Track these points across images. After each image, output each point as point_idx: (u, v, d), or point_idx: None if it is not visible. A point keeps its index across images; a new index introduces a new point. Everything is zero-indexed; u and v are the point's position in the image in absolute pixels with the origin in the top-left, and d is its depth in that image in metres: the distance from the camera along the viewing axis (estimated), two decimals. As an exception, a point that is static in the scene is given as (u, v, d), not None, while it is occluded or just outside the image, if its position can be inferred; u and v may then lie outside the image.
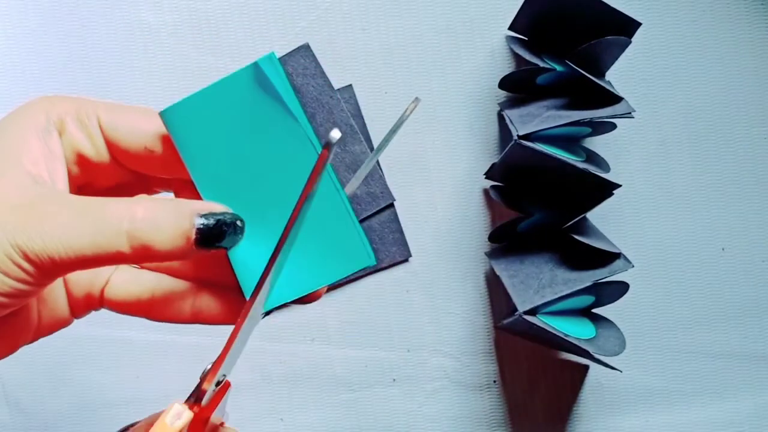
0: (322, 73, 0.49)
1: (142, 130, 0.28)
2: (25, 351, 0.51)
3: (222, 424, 0.31)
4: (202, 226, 0.26)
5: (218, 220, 0.26)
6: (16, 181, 0.25)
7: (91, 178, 0.29)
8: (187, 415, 0.27)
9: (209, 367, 0.28)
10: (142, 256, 0.25)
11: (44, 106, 0.27)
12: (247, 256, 0.28)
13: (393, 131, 0.28)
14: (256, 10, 0.49)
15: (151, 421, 0.29)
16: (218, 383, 0.29)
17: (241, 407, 0.50)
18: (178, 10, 0.48)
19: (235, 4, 0.48)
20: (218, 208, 0.27)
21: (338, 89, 0.49)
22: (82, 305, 0.32)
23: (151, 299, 0.30)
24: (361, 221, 0.50)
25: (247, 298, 0.28)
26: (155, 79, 0.48)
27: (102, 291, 0.31)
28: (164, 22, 0.48)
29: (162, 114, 0.28)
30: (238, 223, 0.27)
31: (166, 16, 0.48)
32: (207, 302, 0.30)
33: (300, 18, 0.49)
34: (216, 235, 0.26)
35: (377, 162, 0.49)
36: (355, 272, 0.28)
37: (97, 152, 0.28)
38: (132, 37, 0.48)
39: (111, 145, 0.28)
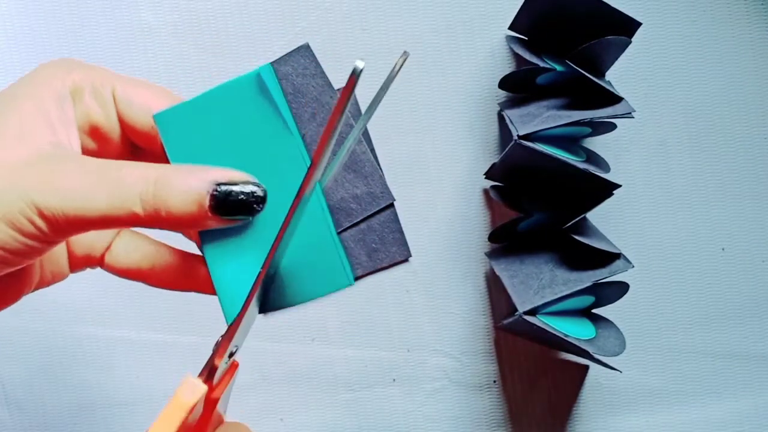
0: (322, 73, 0.49)
1: (152, 108, 0.28)
2: (25, 351, 0.51)
3: (222, 421, 0.31)
4: (217, 193, 0.26)
5: (236, 189, 0.26)
6: (35, 142, 0.25)
7: (99, 148, 0.29)
8: (202, 388, 0.27)
9: (221, 338, 0.28)
10: (155, 219, 0.25)
11: (61, 72, 0.28)
12: (230, 267, 0.28)
13: (384, 89, 0.28)
14: (256, 10, 0.49)
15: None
16: (231, 354, 0.29)
17: (241, 407, 0.50)
18: (178, 10, 0.48)
19: (235, 4, 0.48)
20: (239, 176, 0.27)
21: (338, 89, 0.49)
22: (81, 263, 0.32)
23: (151, 269, 0.31)
24: (361, 221, 0.50)
25: (227, 322, 0.28)
26: (155, 79, 0.48)
27: (103, 254, 0.32)
28: (164, 22, 0.48)
29: (155, 117, 0.28)
30: (259, 192, 0.27)
31: (166, 16, 0.48)
32: (205, 272, 0.30)
33: (300, 18, 0.49)
34: (233, 204, 0.26)
35: (377, 162, 0.49)
36: (333, 293, 0.28)
37: (109, 123, 0.28)
38: (132, 37, 0.48)
39: (122, 119, 0.28)
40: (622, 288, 0.45)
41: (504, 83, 0.48)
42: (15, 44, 0.48)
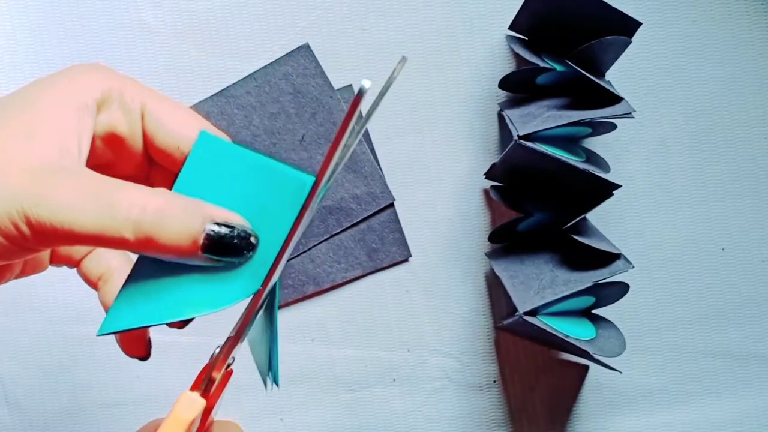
0: (322, 73, 0.49)
1: (181, 133, 0.28)
2: (25, 351, 0.51)
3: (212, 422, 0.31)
4: (212, 233, 0.26)
5: (231, 231, 0.26)
6: (44, 147, 0.25)
7: (116, 159, 0.29)
8: (200, 403, 0.27)
9: (217, 350, 0.28)
10: (144, 247, 0.25)
11: (92, 77, 0.27)
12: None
13: (382, 94, 0.28)
14: (256, 10, 0.49)
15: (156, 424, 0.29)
16: (228, 366, 0.29)
17: (241, 407, 0.50)
18: (178, 10, 0.48)
19: (235, 4, 0.48)
20: (235, 219, 0.27)
21: (338, 89, 0.49)
22: (62, 260, 0.32)
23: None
24: (361, 221, 0.50)
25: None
26: (155, 79, 0.48)
27: (82, 259, 0.32)
28: (164, 22, 0.48)
29: (202, 133, 0.28)
30: (252, 239, 0.27)
31: (167, 16, 0.48)
32: None
33: (300, 18, 0.49)
34: (225, 246, 0.26)
35: (377, 162, 0.49)
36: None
37: (132, 137, 0.28)
38: (132, 37, 0.48)
39: (147, 135, 0.28)
40: (622, 288, 0.45)
41: (504, 83, 0.48)
42: (15, 44, 0.48)
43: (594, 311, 0.47)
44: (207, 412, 0.29)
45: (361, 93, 0.24)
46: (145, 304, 0.27)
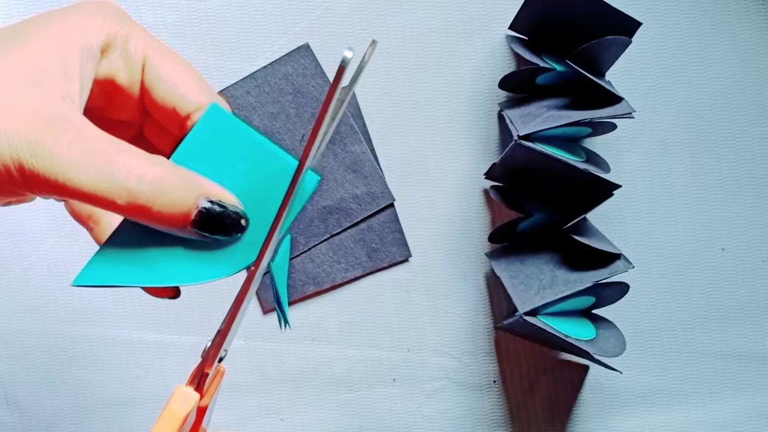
0: (322, 73, 0.49)
1: (180, 93, 0.28)
2: (25, 351, 0.51)
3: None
4: (204, 210, 0.26)
5: (223, 211, 0.26)
6: (48, 92, 0.25)
7: (110, 106, 0.29)
8: (194, 396, 0.27)
9: (209, 345, 0.28)
10: (135, 214, 0.25)
11: (100, 19, 0.27)
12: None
13: (354, 80, 0.28)
14: (256, 10, 0.49)
15: None
16: (220, 359, 0.29)
17: (241, 407, 0.50)
18: (178, 10, 0.48)
19: (235, 4, 0.48)
20: (230, 199, 0.26)
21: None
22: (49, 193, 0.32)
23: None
24: (361, 221, 0.50)
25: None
26: (155, 79, 0.48)
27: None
28: (164, 22, 0.48)
29: (213, 106, 0.27)
30: (242, 222, 0.27)
31: (167, 16, 0.48)
32: None
33: (300, 18, 0.49)
34: (215, 225, 0.26)
35: (377, 162, 0.49)
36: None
37: (130, 87, 0.28)
38: (132, 37, 0.48)
39: (145, 89, 0.28)
40: (622, 288, 0.45)
41: (504, 83, 0.48)
42: (15, 44, 0.48)
43: (594, 311, 0.47)
44: (201, 411, 0.29)
45: (344, 63, 0.24)
46: (128, 264, 0.27)
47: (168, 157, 0.27)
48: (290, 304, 0.50)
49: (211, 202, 0.26)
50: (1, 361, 0.49)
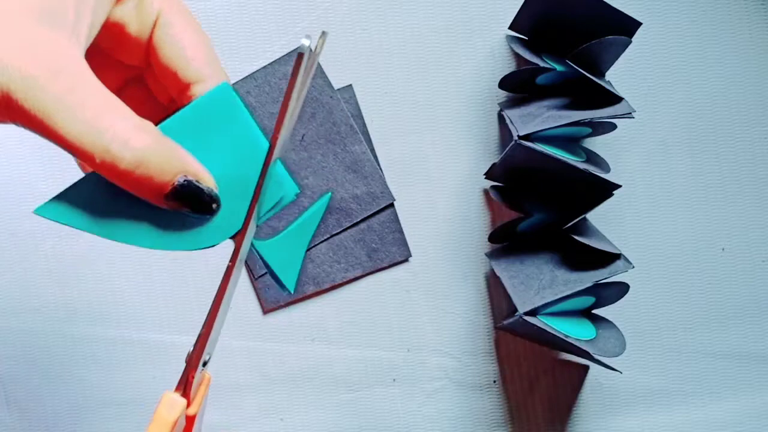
0: (322, 73, 0.49)
1: (187, 60, 0.27)
2: (25, 351, 0.51)
3: None
4: (179, 186, 0.26)
5: (197, 191, 0.26)
6: (57, 28, 0.24)
7: (113, 46, 0.28)
8: (181, 402, 0.27)
9: (191, 350, 0.28)
10: (110, 175, 0.24)
11: None
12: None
13: (306, 72, 0.28)
14: (256, 10, 0.49)
15: None
16: (204, 363, 0.29)
17: (241, 407, 0.50)
18: (178, 10, 0.48)
19: (235, 4, 0.48)
20: (207, 180, 0.26)
21: (338, 89, 0.49)
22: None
23: None
24: (361, 221, 0.50)
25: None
26: (155, 79, 0.48)
27: None
28: (164, 22, 0.48)
29: (223, 87, 0.28)
30: (214, 205, 0.27)
31: (166, 16, 0.48)
32: None
33: (300, 18, 0.49)
34: (187, 201, 0.26)
35: (377, 163, 0.49)
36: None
37: (138, 38, 0.27)
38: (132, 37, 0.48)
39: (153, 44, 0.27)
40: (622, 288, 0.45)
41: (504, 83, 0.48)
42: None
43: (594, 311, 0.47)
44: (190, 420, 0.29)
45: (301, 50, 0.25)
46: (93, 211, 0.27)
47: (156, 121, 0.26)
48: (290, 304, 0.50)
49: (188, 180, 0.26)
50: (1, 361, 0.49)
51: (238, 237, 0.28)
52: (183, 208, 0.26)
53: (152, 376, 0.49)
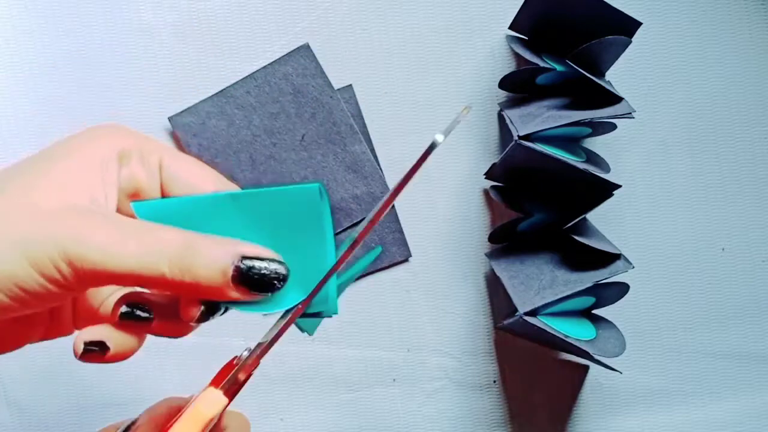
0: (322, 73, 0.49)
1: (196, 187, 0.29)
2: (25, 351, 0.51)
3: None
4: (242, 265, 0.26)
5: (260, 265, 0.27)
6: (77, 196, 0.26)
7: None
8: (223, 401, 0.27)
9: (245, 353, 0.29)
10: (180, 283, 0.26)
11: (111, 136, 0.29)
12: None
13: (446, 134, 0.29)
14: (256, 10, 0.49)
15: (156, 416, 0.29)
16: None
17: (241, 407, 0.50)
18: (178, 9, 0.48)
19: (235, 4, 0.48)
20: (265, 253, 0.27)
21: (338, 89, 0.49)
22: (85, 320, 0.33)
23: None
24: (361, 221, 0.49)
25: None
26: (156, 78, 0.48)
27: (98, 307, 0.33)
28: (164, 22, 0.48)
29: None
30: (282, 270, 0.27)
31: (167, 16, 0.48)
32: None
33: (300, 18, 0.49)
34: (254, 279, 0.27)
35: (377, 163, 0.49)
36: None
37: (151, 189, 0.29)
38: (132, 37, 0.48)
39: (164, 189, 0.29)
40: (622, 289, 0.45)
41: (504, 83, 0.48)
42: (15, 44, 0.48)
43: (594, 311, 0.47)
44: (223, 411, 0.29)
45: (432, 147, 0.26)
46: None
47: None
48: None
49: (248, 257, 0.27)
50: (1, 361, 0.49)
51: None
52: (255, 287, 0.27)
53: (152, 376, 0.49)
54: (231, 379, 0.28)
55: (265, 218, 0.28)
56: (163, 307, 0.28)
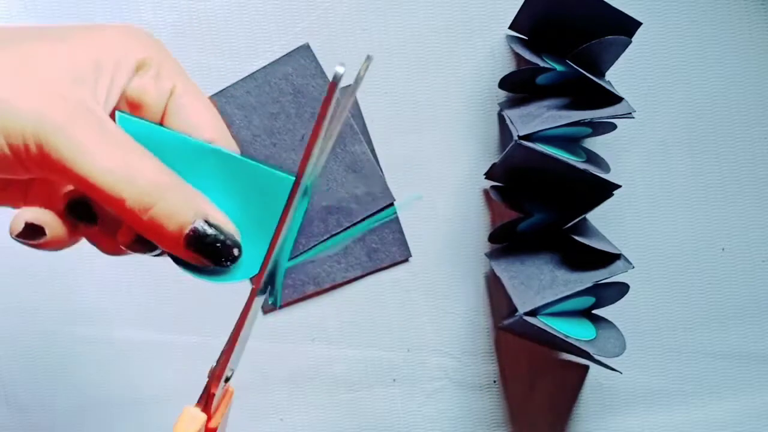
0: (322, 73, 0.49)
1: (196, 128, 0.28)
2: (25, 351, 0.51)
3: None
4: (200, 229, 0.26)
5: (217, 236, 0.26)
6: (81, 88, 0.25)
7: (131, 112, 0.29)
8: (201, 417, 0.27)
9: (215, 365, 0.28)
10: (135, 216, 0.25)
11: (138, 43, 0.28)
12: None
13: (351, 94, 0.28)
14: (256, 10, 0.49)
15: None
16: (227, 379, 0.29)
17: (241, 407, 0.50)
18: (178, 10, 0.48)
19: (235, 4, 0.48)
20: (228, 226, 0.27)
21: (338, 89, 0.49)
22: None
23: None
24: (361, 221, 0.50)
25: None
26: (155, 79, 0.48)
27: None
28: (165, 22, 0.48)
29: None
30: (235, 251, 0.27)
31: (167, 16, 0.48)
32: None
33: (300, 18, 0.49)
34: (206, 247, 0.26)
35: (377, 163, 0.49)
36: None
37: (154, 109, 0.28)
38: (132, 37, 0.48)
39: (167, 115, 0.29)
40: (622, 289, 0.45)
41: (504, 83, 0.48)
42: (15, 44, 0.48)
43: (594, 311, 0.47)
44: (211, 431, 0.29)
45: (335, 79, 0.24)
46: None
47: None
48: (290, 303, 0.50)
49: (209, 223, 0.26)
50: (1, 361, 0.49)
51: (257, 276, 0.28)
52: (205, 256, 0.26)
53: (152, 376, 0.49)
54: (205, 392, 0.28)
55: (239, 187, 0.28)
56: (108, 219, 0.27)
